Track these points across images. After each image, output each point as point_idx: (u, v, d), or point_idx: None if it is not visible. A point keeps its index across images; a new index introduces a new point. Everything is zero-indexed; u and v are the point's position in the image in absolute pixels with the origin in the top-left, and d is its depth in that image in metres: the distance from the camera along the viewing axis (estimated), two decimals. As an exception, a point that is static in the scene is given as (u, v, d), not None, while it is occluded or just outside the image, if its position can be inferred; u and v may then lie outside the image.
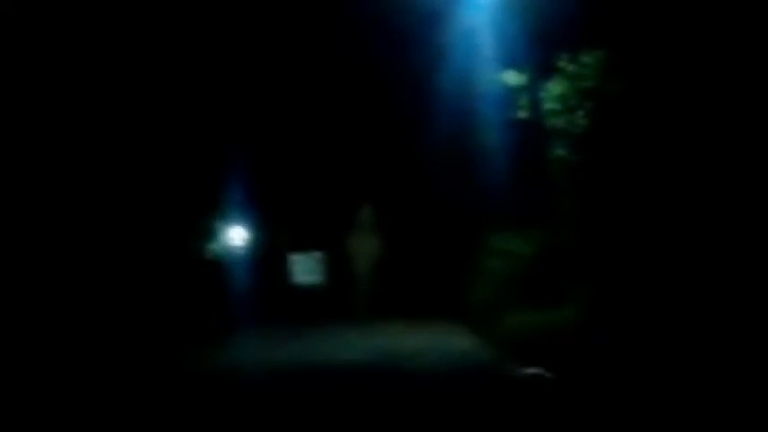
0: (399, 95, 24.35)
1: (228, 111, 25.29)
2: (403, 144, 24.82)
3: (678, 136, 14.37)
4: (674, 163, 14.24)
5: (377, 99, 25.29)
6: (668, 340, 12.26)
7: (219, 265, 25.82)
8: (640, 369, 11.75)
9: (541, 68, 16.50)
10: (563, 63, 16.12)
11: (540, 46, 16.45)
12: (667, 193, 14.28)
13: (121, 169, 21.09)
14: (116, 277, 19.63)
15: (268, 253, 27.59)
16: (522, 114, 17.12)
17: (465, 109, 20.66)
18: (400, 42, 22.94)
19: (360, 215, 23.90)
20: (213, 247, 26.77)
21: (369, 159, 26.24)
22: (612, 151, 15.38)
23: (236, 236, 27.34)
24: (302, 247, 27.75)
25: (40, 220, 18.65)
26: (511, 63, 17.17)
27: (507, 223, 18.79)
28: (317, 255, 27.45)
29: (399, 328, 20.70)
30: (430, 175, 24.00)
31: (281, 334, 20.80)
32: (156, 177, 22.40)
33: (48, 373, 14.00)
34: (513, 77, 17.16)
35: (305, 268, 27.54)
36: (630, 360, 12.18)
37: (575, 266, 15.79)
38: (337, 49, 25.24)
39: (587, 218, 15.66)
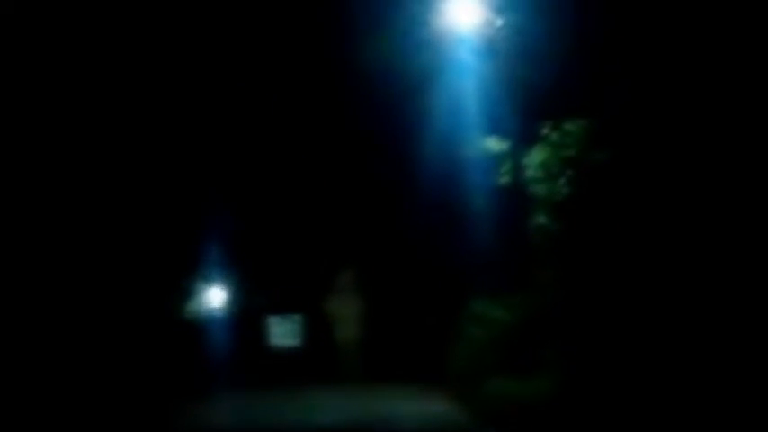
0: (384, 159, 24.43)
1: (210, 171, 25.29)
2: (386, 208, 24.86)
3: (658, 206, 14.44)
4: (654, 232, 14.28)
5: (361, 162, 25.37)
6: (645, 409, 12.23)
7: (197, 326, 25.68)
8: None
9: (525, 136, 16.58)
10: (546, 131, 16.19)
11: (524, 113, 16.54)
12: (647, 263, 14.30)
13: (101, 229, 21.00)
14: (93, 338, 19.46)
15: (246, 315, 27.47)
16: (505, 181, 17.15)
17: (449, 174, 20.72)
18: (386, 107, 23.05)
19: (342, 279, 23.85)
20: (191, 307, 26.64)
21: (352, 223, 26.24)
22: (593, 220, 15.41)
23: (215, 297, 27.23)
24: (280, 309, 27.65)
25: (21, 278, 18.54)
26: (495, 129, 17.24)
27: (488, 290, 18.76)
28: (295, 317, 27.35)
29: (378, 392, 20.56)
30: (413, 240, 24.00)
31: (258, 395, 20.63)
32: (136, 238, 22.32)
33: None
34: (495, 144, 17.22)
35: (283, 331, 27.43)
36: (609, 428, 12.14)
37: (554, 334, 15.75)
38: (323, 112, 25.35)
39: (567, 286, 15.65)
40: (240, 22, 23.95)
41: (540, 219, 16.47)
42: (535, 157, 16.45)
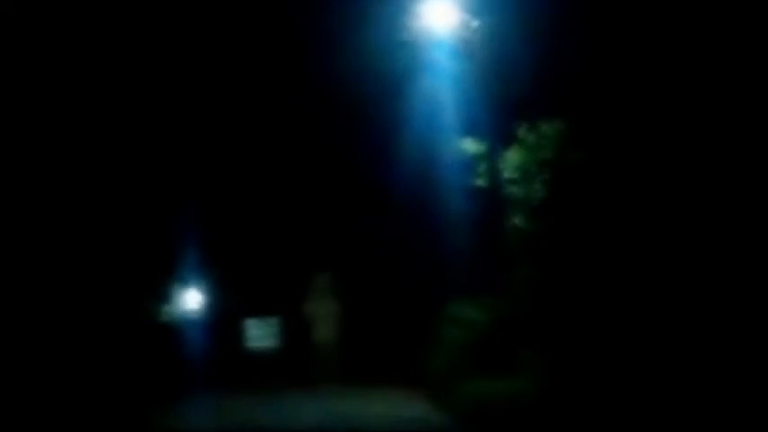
0: (361, 160, 24.43)
1: (185, 173, 25.23)
2: (363, 209, 24.86)
3: (633, 207, 14.49)
4: (629, 233, 14.33)
5: (338, 164, 25.36)
6: (622, 407, 12.27)
7: (174, 328, 25.59)
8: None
9: (501, 137, 16.61)
10: (522, 132, 16.23)
11: (501, 115, 16.58)
12: (622, 263, 14.35)
13: (75, 232, 20.91)
14: (67, 339, 19.36)
15: (223, 317, 27.40)
16: (481, 182, 17.18)
17: (426, 175, 20.75)
18: (362, 108, 23.07)
19: (318, 281, 23.81)
20: (168, 310, 26.55)
21: (328, 225, 26.22)
22: (569, 221, 15.45)
23: (191, 299, 27.14)
24: (257, 311, 27.58)
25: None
26: (471, 131, 17.28)
27: (464, 291, 18.77)
28: (272, 320, 27.29)
29: (355, 395, 20.53)
30: (390, 241, 24.00)
31: (235, 398, 20.57)
32: (110, 241, 22.23)
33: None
34: (472, 145, 17.25)
35: (259, 333, 27.36)
36: (585, 428, 12.17)
37: (530, 335, 15.77)
38: (299, 114, 25.33)
39: (543, 287, 15.68)
40: (215, 25, 23.94)
41: (517, 220, 16.51)
42: (511, 159, 16.49)
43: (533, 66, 16.00)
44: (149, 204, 23.99)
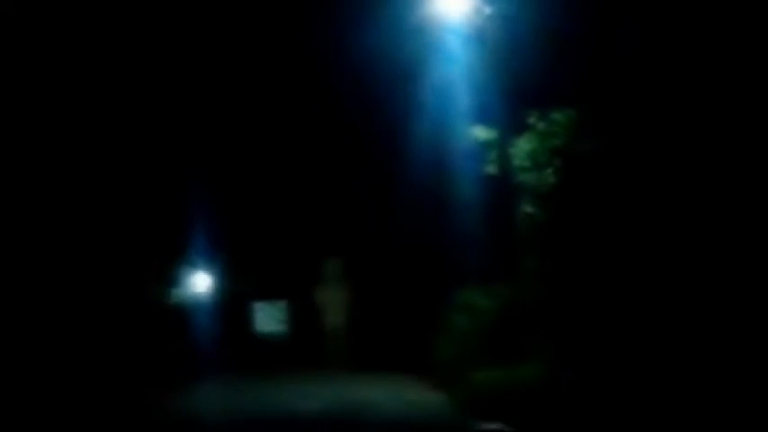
0: (372, 147, 24.41)
1: (196, 158, 25.25)
2: (374, 196, 24.85)
3: (644, 197, 14.45)
4: (639, 222, 14.30)
5: (350, 151, 25.34)
6: (631, 395, 12.26)
7: (183, 312, 25.65)
8: (603, 424, 11.73)
9: (512, 124, 16.57)
10: (533, 120, 16.17)
11: (512, 102, 16.53)
12: (632, 252, 14.33)
13: (86, 216, 20.96)
14: (79, 321, 19.43)
15: (231, 301, 27.44)
16: (492, 170, 17.14)
17: (437, 162, 20.72)
18: (374, 95, 23.04)
19: (328, 267, 23.83)
20: (177, 293, 26.60)
21: (339, 211, 26.22)
22: (579, 209, 15.42)
23: (200, 283, 27.19)
24: (266, 296, 27.62)
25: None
26: (483, 118, 17.23)
27: (475, 278, 18.75)
28: (280, 304, 27.32)
29: (364, 381, 20.56)
30: (400, 228, 24.00)
31: (243, 381, 20.62)
32: (121, 224, 22.28)
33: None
34: (482, 132, 17.19)
35: (268, 317, 27.40)
36: (593, 415, 12.16)
37: (539, 322, 15.76)
38: (311, 101, 25.31)
39: (553, 274, 15.66)
40: (226, 14, 23.94)
41: (527, 208, 16.47)
42: (522, 147, 16.44)
43: (545, 53, 15.94)
44: (159, 188, 24.02)
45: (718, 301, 12.96)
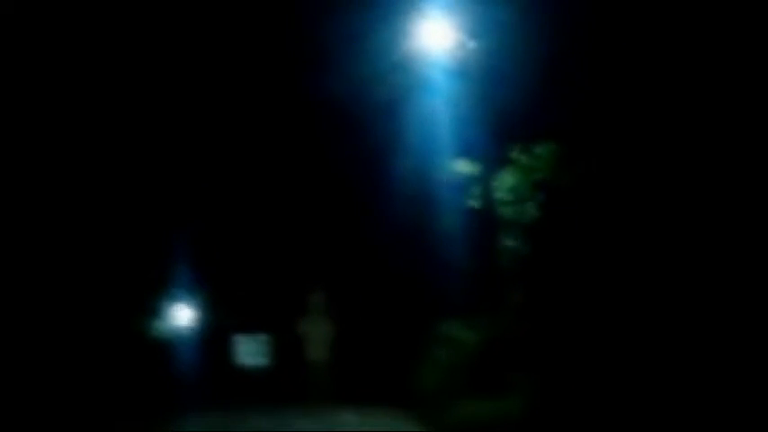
0: (354, 180, 24.48)
1: (178, 188, 25.25)
2: (357, 229, 24.89)
3: (626, 229, 14.55)
4: (621, 255, 14.39)
5: (332, 183, 25.41)
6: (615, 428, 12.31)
7: (164, 344, 25.56)
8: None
9: (496, 158, 16.67)
10: (516, 154, 16.28)
11: (496, 136, 16.64)
12: (613, 286, 14.40)
13: (69, 245, 20.91)
14: (59, 353, 19.33)
15: (213, 333, 27.38)
16: (474, 203, 17.22)
17: (419, 196, 20.79)
18: (358, 128, 23.13)
19: (312, 299, 23.83)
20: (158, 325, 26.51)
21: (322, 243, 26.24)
22: (561, 243, 15.51)
23: (182, 315, 27.12)
24: (248, 329, 27.57)
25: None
26: (466, 151, 17.32)
27: (458, 311, 18.80)
28: (263, 337, 27.28)
29: (345, 414, 20.53)
30: (383, 261, 24.03)
31: (225, 416, 20.55)
32: (103, 255, 22.22)
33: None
34: (465, 166, 17.29)
35: (250, 350, 27.34)
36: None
37: (522, 356, 15.80)
38: (294, 133, 25.39)
39: (536, 307, 15.72)
40: (210, 42, 24.01)
41: (509, 241, 16.55)
42: (505, 180, 16.54)
43: (528, 87, 16.08)
44: (142, 220, 23.99)
45: (705, 336, 13.03)
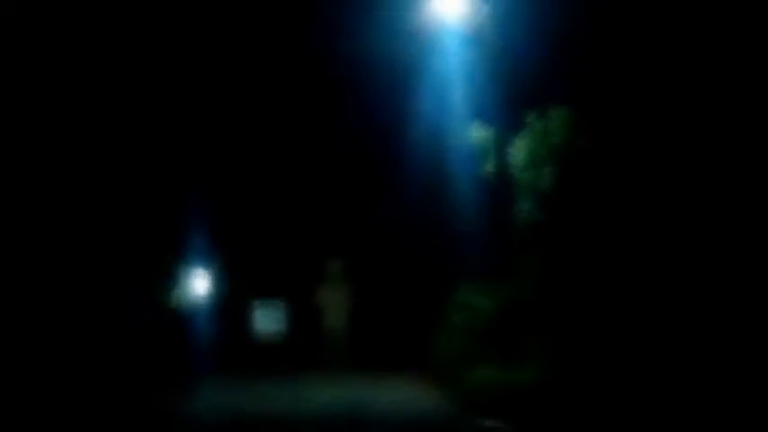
0: (369, 147, 24.47)
1: (194, 157, 25.28)
2: (373, 196, 24.90)
3: (642, 194, 14.50)
4: (637, 220, 14.34)
5: (348, 151, 25.39)
6: (629, 394, 12.31)
7: (182, 313, 25.65)
8: (601, 423, 11.78)
9: (510, 124, 16.60)
10: (531, 119, 16.20)
11: (510, 101, 16.58)
12: (630, 250, 14.37)
13: (85, 214, 20.97)
14: (76, 322, 19.43)
15: (231, 301, 27.46)
16: (489, 169, 17.17)
17: (434, 162, 20.78)
18: (372, 96, 23.09)
19: (329, 267, 23.88)
20: (176, 294, 26.59)
21: (339, 211, 26.27)
22: (577, 208, 15.46)
23: (199, 283, 27.18)
24: (265, 295, 27.63)
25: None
26: (481, 118, 17.27)
27: (473, 277, 18.81)
28: (280, 303, 27.34)
29: (364, 381, 20.61)
30: (400, 228, 24.06)
31: (243, 382, 20.66)
32: (120, 225, 22.29)
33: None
34: (479, 131, 17.22)
35: (267, 316, 27.41)
36: (591, 414, 12.21)
37: (537, 322, 15.81)
38: (308, 101, 25.36)
39: (551, 273, 15.71)
40: (223, 13, 23.99)
41: (525, 206, 16.51)
42: (520, 145, 16.48)
43: (543, 52, 16.00)
44: (159, 189, 24.04)
45: (718, 301, 13.00)
